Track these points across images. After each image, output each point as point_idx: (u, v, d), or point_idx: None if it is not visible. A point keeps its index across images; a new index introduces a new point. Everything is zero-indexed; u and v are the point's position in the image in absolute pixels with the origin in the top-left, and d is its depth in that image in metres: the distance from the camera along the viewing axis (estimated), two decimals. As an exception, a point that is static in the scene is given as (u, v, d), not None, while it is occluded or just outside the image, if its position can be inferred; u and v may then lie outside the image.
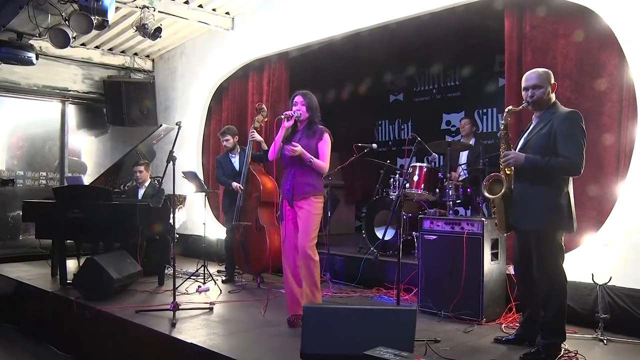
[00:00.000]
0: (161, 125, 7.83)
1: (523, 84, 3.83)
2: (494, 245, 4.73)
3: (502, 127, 3.85)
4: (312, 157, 4.37)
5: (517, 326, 4.24)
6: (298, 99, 4.51)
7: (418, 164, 6.23)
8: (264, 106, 6.39)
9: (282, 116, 4.48)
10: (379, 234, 6.56)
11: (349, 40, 7.09)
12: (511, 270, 4.60)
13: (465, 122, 7.05)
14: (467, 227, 4.71)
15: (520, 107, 3.82)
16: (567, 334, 3.77)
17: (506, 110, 3.84)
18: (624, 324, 4.23)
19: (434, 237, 4.94)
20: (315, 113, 4.50)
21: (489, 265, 4.64)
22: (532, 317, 3.91)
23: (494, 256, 4.72)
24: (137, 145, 7.43)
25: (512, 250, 4.41)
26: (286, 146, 4.38)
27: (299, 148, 4.33)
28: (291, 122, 4.48)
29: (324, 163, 4.44)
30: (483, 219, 4.67)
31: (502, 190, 3.75)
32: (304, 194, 4.39)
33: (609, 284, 4.24)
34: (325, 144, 4.45)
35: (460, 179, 6.49)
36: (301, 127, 4.54)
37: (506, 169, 3.78)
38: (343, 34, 6.82)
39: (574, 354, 3.72)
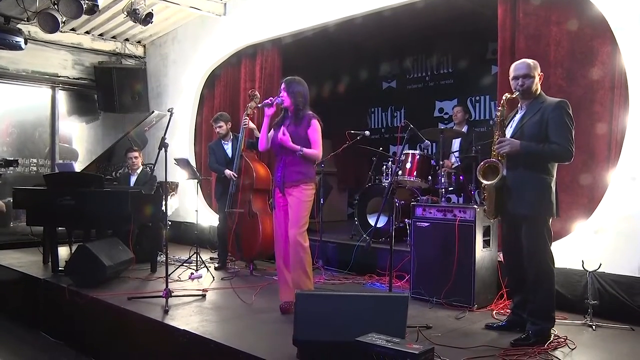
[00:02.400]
0: (153, 112, 7.77)
1: (512, 74, 3.89)
2: (486, 232, 4.77)
3: (498, 114, 3.88)
4: (302, 147, 4.38)
5: (508, 312, 4.30)
6: (282, 85, 4.52)
7: (411, 151, 6.25)
8: (256, 93, 6.38)
9: (261, 104, 4.53)
10: (372, 221, 6.57)
11: (342, 26, 7.07)
12: (501, 256, 4.64)
13: (457, 109, 7.06)
14: (460, 215, 4.75)
15: (514, 95, 3.86)
16: (556, 320, 3.85)
17: (503, 97, 3.87)
18: (612, 310, 4.29)
19: (427, 224, 4.97)
20: (300, 99, 4.46)
21: (481, 253, 4.68)
22: (522, 303, 3.97)
23: (486, 243, 4.76)
24: (129, 132, 7.40)
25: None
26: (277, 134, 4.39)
27: (286, 137, 4.35)
28: (272, 110, 4.49)
29: (316, 150, 4.44)
30: (475, 206, 4.70)
31: (498, 177, 3.77)
32: (295, 181, 4.41)
33: (598, 270, 4.30)
34: (315, 131, 4.44)
35: (453, 166, 6.51)
36: (290, 114, 4.55)
37: (499, 156, 3.81)
38: (337, 20, 6.79)
39: (563, 339, 3.77)
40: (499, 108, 3.89)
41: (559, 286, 4.24)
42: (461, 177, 6.26)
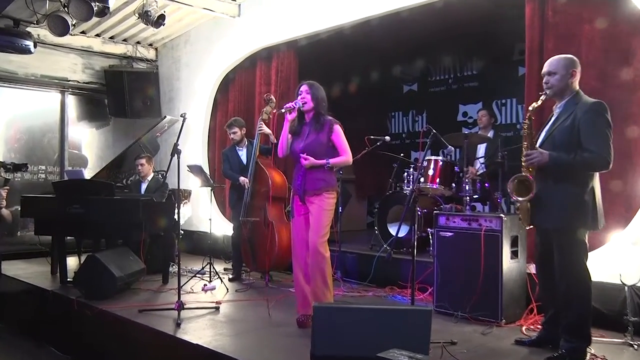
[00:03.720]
0: (165, 117, 7.82)
1: (542, 71, 3.81)
2: (514, 242, 4.69)
3: (524, 126, 3.78)
4: (328, 159, 4.36)
5: (539, 328, 4.20)
6: (303, 87, 4.49)
7: (433, 158, 6.20)
8: (272, 97, 6.37)
9: (283, 110, 4.45)
10: (393, 230, 6.54)
11: (360, 28, 7.04)
12: (532, 269, 4.56)
13: (482, 113, 6.99)
14: (485, 224, 4.67)
15: (540, 100, 3.75)
16: (593, 338, 3.73)
17: (529, 108, 3.78)
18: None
19: (450, 234, 4.91)
20: (322, 104, 4.47)
21: (508, 264, 4.60)
22: (555, 318, 3.86)
23: (514, 254, 4.68)
24: (140, 138, 7.44)
25: (532, 248, 4.37)
26: (300, 156, 4.37)
27: (308, 161, 4.33)
28: (294, 114, 4.46)
29: (345, 157, 4.44)
30: (502, 215, 4.63)
31: (532, 194, 3.67)
32: (316, 189, 4.38)
33: (638, 284, 4.18)
34: (339, 136, 4.44)
35: (478, 173, 6.44)
36: (308, 120, 4.52)
37: (529, 169, 3.72)
38: (353, 21, 6.78)
39: (601, 359, 3.67)
40: (526, 121, 3.78)
41: (595, 301, 4.05)
42: (486, 185, 6.19)
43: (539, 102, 3.75)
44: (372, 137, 6.39)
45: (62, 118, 9.44)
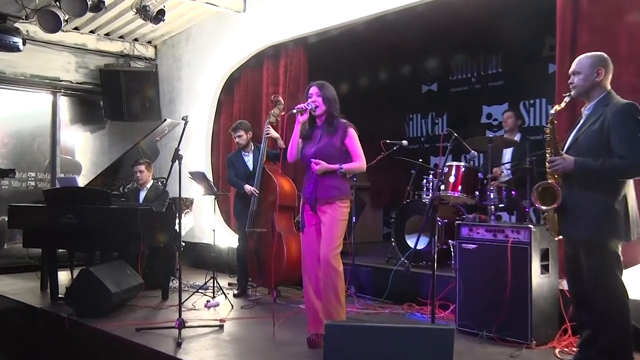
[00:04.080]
0: (165, 120, 7.86)
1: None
2: (544, 256, 4.67)
3: (546, 131, 3.76)
4: (341, 164, 4.38)
5: (574, 351, 4.14)
6: (313, 90, 4.51)
7: (455, 163, 6.18)
8: (280, 98, 6.40)
9: (295, 110, 4.48)
10: (411, 242, 6.54)
11: (374, 24, 7.06)
12: (564, 285, 4.53)
13: (508, 115, 6.97)
14: (512, 235, 4.66)
15: (563, 103, 3.74)
16: (635, 362, 3.67)
17: (551, 111, 3.77)
18: None
19: (474, 246, 4.90)
20: (334, 105, 4.49)
21: (539, 279, 4.58)
22: (592, 340, 3.77)
23: (544, 269, 4.65)
24: (139, 143, 7.49)
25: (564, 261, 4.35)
26: (311, 161, 4.39)
27: (320, 166, 4.35)
28: (306, 116, 4.48)
29: (359, 163, 4.46)
30: (530, 225, 4.61)
31: (557, 203, 3.67)
32: (329, 198, 4.39)
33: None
34: (353, 140, 4.46)
35: (504, 179, 6.43)
36: (320, 123, 4.54)
37: (554, 176, 3.71)
38: (367, 16, 6.80)
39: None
40: (548, 125, 3.77)
41: (636, 322, 4.00)
42: (513, 193, 6.15)
43: (562, 105, 3.74)
44: (388, 141, 6.39)
45: (53, 121, 9.49)
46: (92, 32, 9.30)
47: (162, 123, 7.73)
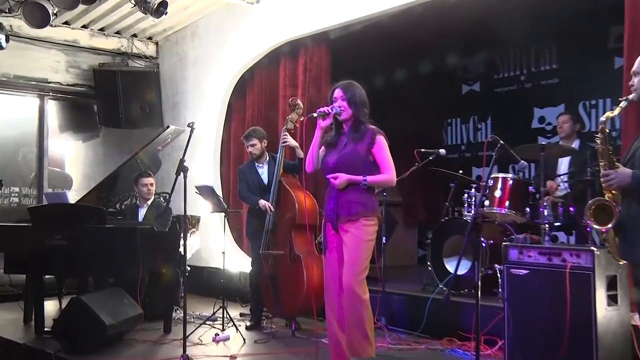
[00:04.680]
0: (168, 127, 7.91)
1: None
2: (611, 284, 4.57)
3: (597, 141, 3.73)
4: (365, 176, 4.37)
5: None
6: (337, 93, 4.52)
7: (501, 175, 6.18)
8: (299, 102, 6.43)
9: (316, 114, 4.48)
10: (450, 266, 6.52)
11: (405, 15, 7.05)
12: (637, 319, 4.46)
13: (564, 118, 6.92)
14: (571, 259, 4.60)
15: (618, 108, 3.69)
16: None
17: (602, 119, 3.72)
18: None
19: (525, 271, 4.84)
20: (361, 109, 4.49)
21: (605, 312, 4.49)
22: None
23: (612, 299, 4.57)
24: (138, 153, 7.53)
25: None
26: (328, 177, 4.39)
27: (339, 180, 4.34)
28: (328, 121, 4.48)
29: (388, 175, 4.44)
30: (593, 248, 4.54)
31: (613, 222, 3.63)
32: (352, 214, 4.38)
33: None
34: (382, 150, 4.45)
35: (560, 194, 6.37)
36: (347, 129, 4.54)
37: (611, 191, 3.68)
38: (398, 6, 6.81)
39: None
40: (599, 134, 3.72)
41: None
42: (571, 209, 6.09)
43: (616, 111, 3.69)
44: (422, 150, 6.38)
45: (40, 128, 9.57)
46: (84, 27, 9.37)
47: (164, 130, 7.78)
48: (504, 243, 5.14)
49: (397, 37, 8.14)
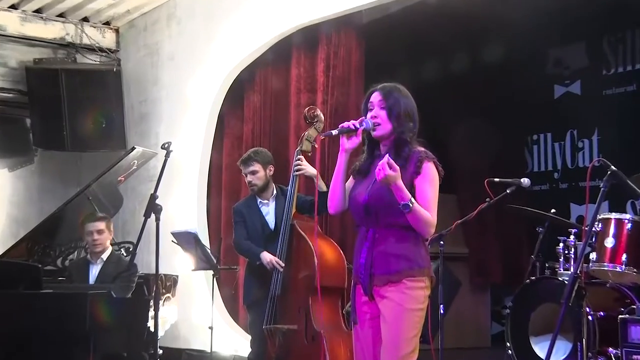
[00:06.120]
0: (133, 149, 7.95)
1: None
2: None
3: None
4: (412, 201, 4.30)
5: None
6: (375, 97, 4.44)
7: (614, 216, 6.16)
8: (319, 112, 6.40)
9: (336, 131, 4.40)
10: (540, 349, 6.48)
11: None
12: None
13: None
14: None
15: None
16: None
17: None
18: None
19: (653, 357, 4.84)
20: (407, 124, 4.41)
21: None
22: None
23: None
24: (90, 186, 7.55)
25: None
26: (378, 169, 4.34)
27: (391, 173, 4.19)
28: (356, 141, 4.41)
29: (428, 215, 4.34)
30: None
31: None
32: (391, 273, 4.32)
33: None
34: (428, 181, 4.33)
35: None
36: (384, 150, 4.50)
37: None
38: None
39: None
40: None
41: None
42: None
43: None
44: (496, 179, 6.35)
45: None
46: (13, 7, 9.47)
47: (128, 154, 7.82)
48: (620, 316, 5.11)
49: (460, 18, 8.16)
